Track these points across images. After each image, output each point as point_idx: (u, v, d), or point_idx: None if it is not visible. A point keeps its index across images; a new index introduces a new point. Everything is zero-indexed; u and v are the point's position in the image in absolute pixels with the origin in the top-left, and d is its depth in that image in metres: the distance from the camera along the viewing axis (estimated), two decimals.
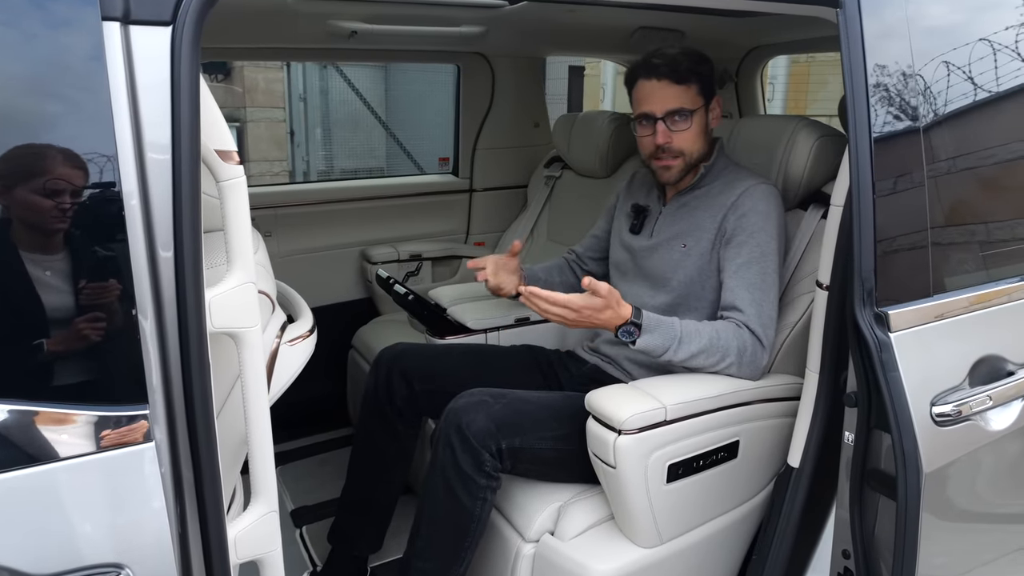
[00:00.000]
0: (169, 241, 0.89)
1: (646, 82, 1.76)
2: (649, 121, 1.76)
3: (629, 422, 1.44)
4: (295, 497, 2.45)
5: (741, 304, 1.66)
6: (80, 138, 0.83)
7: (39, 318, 0.84)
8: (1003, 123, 1.53)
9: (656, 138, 1.75)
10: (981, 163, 1.46)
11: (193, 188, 0.90)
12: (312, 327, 1.29)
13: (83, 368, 0.86)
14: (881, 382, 1.23)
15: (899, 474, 1.23)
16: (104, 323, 0.86)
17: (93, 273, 0.86)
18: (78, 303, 0.85)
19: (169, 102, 0.88)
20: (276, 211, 2.81)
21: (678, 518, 1.58)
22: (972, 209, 1.45)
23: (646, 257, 1.86)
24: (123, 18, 0.84)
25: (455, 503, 1.57)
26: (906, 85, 1.31)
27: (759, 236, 1.69)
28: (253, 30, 2.42)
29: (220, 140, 0.96)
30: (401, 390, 1.86)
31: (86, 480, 0.85)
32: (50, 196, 0.83)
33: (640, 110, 1.77)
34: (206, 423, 0.95)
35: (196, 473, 0.95)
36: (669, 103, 1.73)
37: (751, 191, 1.73)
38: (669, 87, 1.73)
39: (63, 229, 0.85)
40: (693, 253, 1.78)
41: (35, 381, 0.84)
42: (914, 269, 1.31)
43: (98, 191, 0.85)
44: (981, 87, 1.45)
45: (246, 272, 0.99)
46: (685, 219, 1.82)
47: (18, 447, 0.82)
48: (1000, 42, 1.47)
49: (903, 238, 1.30)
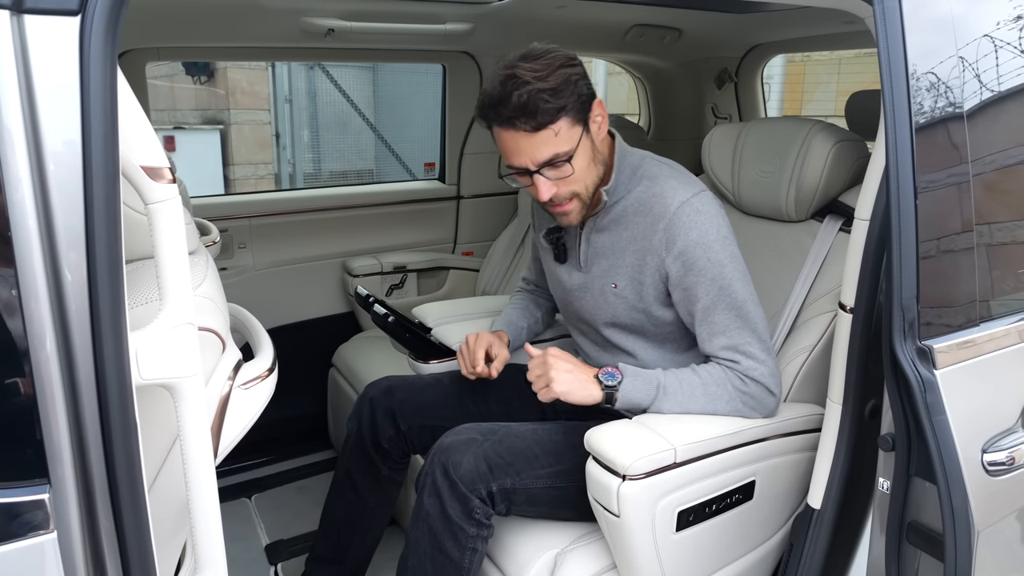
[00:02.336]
0: (80, 269, 0.72)
1: (504, 132, 1.38)
2: (523, 173, 1.43)
3: (635, 467, 1.27)
4: (270, 530, 2.28)
5: (722, 354, 1.46)
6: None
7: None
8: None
9: (539, 193, 1.43)
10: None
11: (109, 208, 0.73)
12: (272, 365, 1.12)
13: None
14: (925, 427, 1.07)
15: (947, 531, 1.07)
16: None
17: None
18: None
19: (79, 109, 0.72)
20: (251, 221, 2.64)
21: (688, 568, 1.42)
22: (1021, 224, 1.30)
23: (580, 299, 1.62)
24: (13, 6, 0.68)
25: (442, 556, 1.40)
26: (948, 77, 1.15)
27: (710, 270, 1.42)
28: (222, 27, 2.26)
29: (147, 154, 0.79)
30: (387, 430, 1.70)
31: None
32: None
33: (509, 162, 1.43)
34: (133, 499, 0.78)
35: (124, 562, 0.78)
36: (540, 154, 1.38)
37: (677, 218, 1.43)
38: (532, 136, 1.36)
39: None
40: (627, 295, 1.53)
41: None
42: (960, 294, 1.15)
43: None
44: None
45: (183, 310, 0.82)
46: (610, 253, 1.54)
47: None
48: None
49: (948, 257, 1.15)
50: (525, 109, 1.33)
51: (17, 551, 0.68)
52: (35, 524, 0.69)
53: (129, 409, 0.77)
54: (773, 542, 1.56)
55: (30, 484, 0.69)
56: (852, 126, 2.39)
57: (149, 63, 2.38)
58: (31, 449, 0.69)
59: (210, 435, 0.87)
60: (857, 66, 6.04)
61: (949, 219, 1.17)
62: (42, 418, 0.70)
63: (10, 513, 0.68)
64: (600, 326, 1.62)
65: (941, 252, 1.16)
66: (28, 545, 0.68)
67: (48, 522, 0.69)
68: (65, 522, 0.71)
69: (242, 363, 1.08)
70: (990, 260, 1.21)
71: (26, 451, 0.69)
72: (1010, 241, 1.30)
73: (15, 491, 0.68)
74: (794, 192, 1.70)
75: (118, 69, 0.75)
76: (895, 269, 1.10)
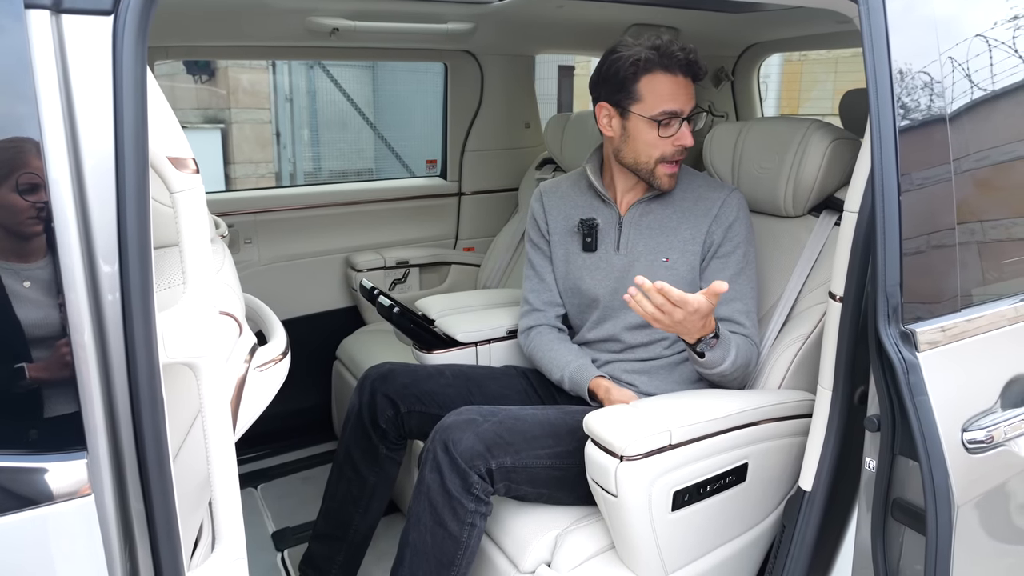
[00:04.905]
0: (113, 257, 0.78)
1: (669, 77, 1.61)
2: (674, 119, 1.63)
3: (632, 448, 1.33)
4: (276, 518, 2.33)
5: (739, 318, 1.67)
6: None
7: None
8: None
9: (683, 139, 1.64)
10: (1007, 159, 1.36)
11: (139, 198, 0.78)
12: (285, 349, 1.17)
13: (4, 410, 0.74)
14: (908, 406, 1.13)
15: (928, 506, 1.13)
16: (30, 356, 0.74)
17: (15, 297, 0.74)
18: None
19: (112, 103, 0.77)
20: (256, 216, 2.69)
21: (683, 547, 1.48)
22: (1002, 214, 1.35)
23: (624, 274, 1.73)
24: (53, 6, 0.73)
25: (442, 529, 1.46)
26: (931, 76, 1.20)
27: (744, 246, 1.70)
28: (229, 27, 2.31)
29: (173, 146, 0.84)
30: (386, 411, 1.75)
31: (8, 545, 0.73)
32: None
33: (666, 107, 1.62)
34: (160, 469, 0.83)
35: (150, 526, 0.83)
36: (692, 102, 1.64)
37: (730, 200, 1.72)
38: (690, 85, 1.63)
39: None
40: (679, 267, 1.71)
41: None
42: (942, 281, 1.21)
43: (20, 203, 0.73)
44: (1004, 77, 1.35)
45: (205, 293, 0.87)
46: (659, 230, 1.73)
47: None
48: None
49: (930, 246, 1.20)
50: (694, 60, 1.61)
51: (62, 511, 0.73)
52: (76, 488, 0.74)
53: (156, 385, 0.82)
54: (766, 524, 1.62)
55: (71, 452, 0.74)
56: (846, 123, 2.44)
57: (156, 62, 2.44)
58: (72, 421, 0.74)
59: (229, 410, 0.92)
60: (854, 65, 6.09)
61: (932, 213, 1.22)
62: (80, 393, 0.75)
63: (56, 477, 0.73)
64: (633, 314, 1.69)
65: (925, 243, 1.21)
66: (73, 506, 0.74)
67: (87, 486, 0.74)
68: (99, 487, 0.76)
69: (257, 347, 1.14)
70: (972, 251, 1.27)
71: (68, 423, 0.74)
72: (993, 237, 1.35)
73: (60, 457, 0.74)
74: (792, 188, 1.76)
75: (147, 64, 0.80)
76: (879, 259, 1.15)
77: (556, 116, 2.78)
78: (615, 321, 1.75)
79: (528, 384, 1.86)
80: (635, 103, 1.63)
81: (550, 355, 1.79)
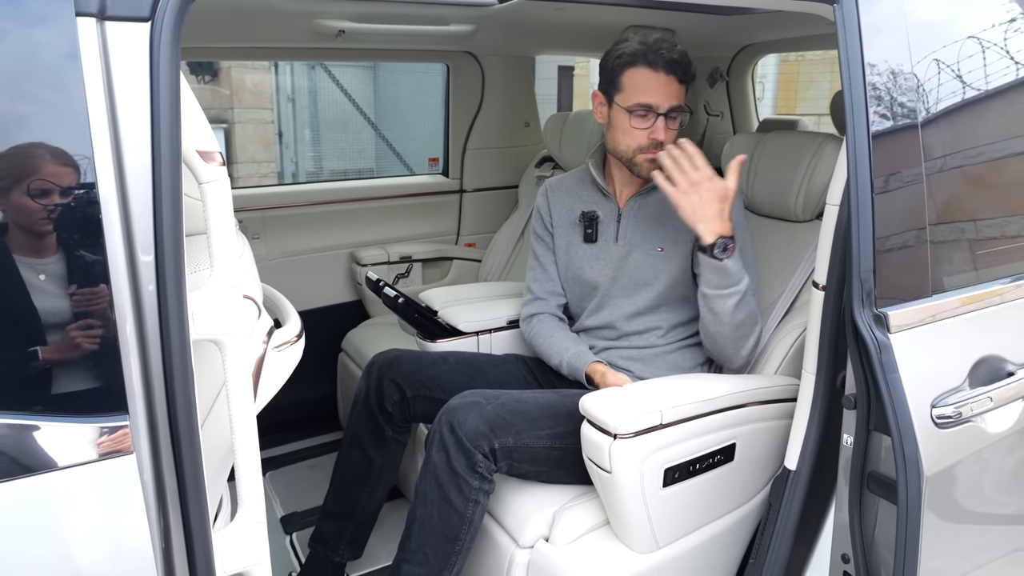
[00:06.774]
0: (150, 245, 0.86)
1: (651, 72, 1.70)
2: (648, 113, 1.71)
3: (625, 426, 1.41)
4: (285, 503, 2.42)
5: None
6: (54, 140, 0.80)
7: (12, 326, 0.81)
8: (1006, 119, 1.51)
9: (656, 133, 1.71)
10: (978, 159, 1.44)
11: (174, 190, 0.87)
12: (300, 332, 1.26)
13: (59, 378, 0.82)
14: (881, 384, 1.21)
15: (899, 477, 1.21)
16: (82, 331, 0.83)
17: (70, 280, 0.83)
18: (54, 311, 0.82)
19: (148, 101, 0.85)
20: (264, 213, 2.77)
21: (674, 523, 1.56)
22: (970, 207, 1.43)
23: (619, 268, 1.84)
24: (99, 14, 0.81)
25: (447, 505, 1.54)
26: (904, 81, 1.29)
27: (738, 232, 1.72)
28: (238, 29, 2.38)
29: (202, 140, 0.92)
30: (392, 395, 1.84)
31: (63, 494, 0.82)
32: (27, 201, 0.80)
33: (641, 100, 1.71)
34: (190, 433, 0.91)
35: (180, 484, 0.92)
36: (673, 100, 1.71)
37: None
38: (674, 84, 1.70)
39: (46, 232, 0.82)
40: (674, 256, 1.79)
41: (8, 392, 0.81)
42: (913, 268, 1.29)
43: (75, 195, 0.81)
44: (973, 84, 1.43)
45: (230, 276, 0.96)
46: (655, 222, 1.82)
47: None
48: (989, 39, 1.46)
49: (902, 237, 1.28)
50: (682, 61, 1.69)
51: (110, 467, 0.82)
52: (122, 446, 0.83)
53: (187, 359, 0.90)
54: (754, 503, 1.70)
55: (117, 414, 0.83)
56: (836, 123, 2.52)
57: None
58: (116, 387, 0.83)
59: (251, 383, 1.01)
60: None
61: (905, 209, 1.30)
62: (123, 363, 0.84)
63: (106, 434, 0.82)
64: (629, 301, 1.80)
65: (897, 236, 1.29)
66: (118, 463, 0.83)
67: (129, 445, 0.83)
68: (139, 446, 0.85)
69: (274, 329, 1.22)
70: (943, 243, 1.35)
71: (113, 389, 0.83)
72: (963, 231, 1.42)
73: (108, 418, 0.83)
74: (803, 195, 1.86)
75: (180, 66, 0.88)
76: (854, 248, 1.24)
77: (555, 115, 2.87)
78: (612, 309, 1.84)
79: (528, 371, 1.95)
80: (618, 93, 1.74)
81: (550, 341, 1.88)
